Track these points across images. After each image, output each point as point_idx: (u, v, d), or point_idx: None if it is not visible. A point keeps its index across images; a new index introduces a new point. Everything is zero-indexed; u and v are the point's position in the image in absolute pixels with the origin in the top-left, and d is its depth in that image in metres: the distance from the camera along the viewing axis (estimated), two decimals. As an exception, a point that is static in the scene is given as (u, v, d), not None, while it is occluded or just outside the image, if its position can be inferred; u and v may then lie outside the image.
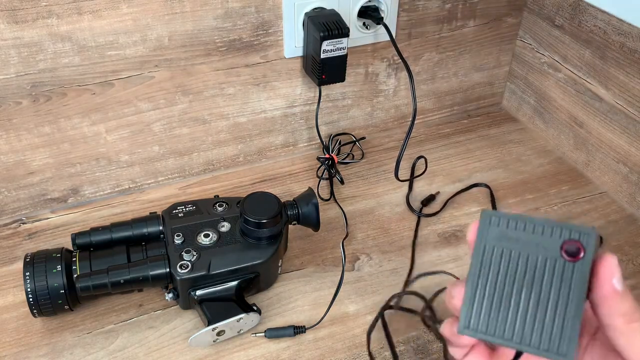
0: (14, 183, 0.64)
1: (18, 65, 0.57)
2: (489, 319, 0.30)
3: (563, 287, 0.29)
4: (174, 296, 0.54)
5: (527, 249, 0.30)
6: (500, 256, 0.31)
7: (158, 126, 0.67)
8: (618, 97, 0.68)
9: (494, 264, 0.30)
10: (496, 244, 0.31)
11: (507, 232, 0.31)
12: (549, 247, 0.30)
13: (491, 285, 0.30)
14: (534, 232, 0.30)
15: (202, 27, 0.62)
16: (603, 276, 0.29)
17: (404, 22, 0.72)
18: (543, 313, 0.29)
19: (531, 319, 0.29)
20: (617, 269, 0.29)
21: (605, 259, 0.29)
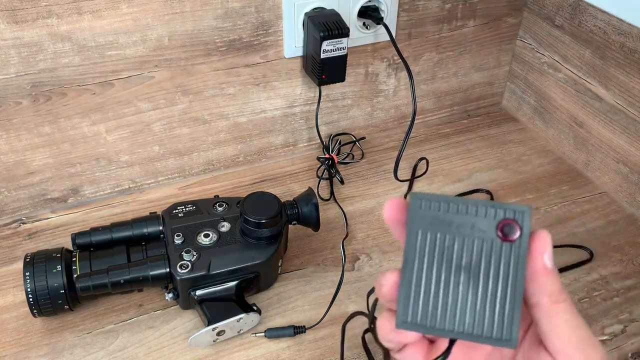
0: (14, 183, 0.64)
1: (18, 65, 0.57)
2: (427, 311, 0.28)
3: (502, 270, 0.28)
4: (174, 296, 0.54)
5: (462, 232, 0.28)
6: (434, 242, 0.28)
7: (158, 126, 0.67)
8: (618, 97, 0.68)
9: (429, 251, 0.28)
10: (429, 229, 0.29)
11: (440, 215, 0.28)
12: (484, 228, 0.28)
13: (427, 274, 0.28)
14: (468, 214, 0.28)
15: (202, 27, 0.62)
16: (535, 251, 0.28)
17: (404, 22, 0.72)
18: (483, 299, 0.28)
19: (472, 306, 0.28)
20: (549, 245, 0.28)
21: (539, 234, 0.28)
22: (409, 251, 0.29)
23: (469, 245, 0.28)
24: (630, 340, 0.55)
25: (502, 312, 0.27)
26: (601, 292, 0.60)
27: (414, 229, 0.29)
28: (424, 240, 0.29)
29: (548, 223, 0.68)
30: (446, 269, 0.28)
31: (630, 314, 0.57)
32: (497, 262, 0.28)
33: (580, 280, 0.61)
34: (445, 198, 0.29)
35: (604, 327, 0.56)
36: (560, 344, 0.27)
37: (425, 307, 0.28)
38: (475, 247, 0.28)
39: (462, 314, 0.28)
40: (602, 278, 0.61)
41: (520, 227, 0.28)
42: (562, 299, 0.28)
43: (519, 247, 0.28)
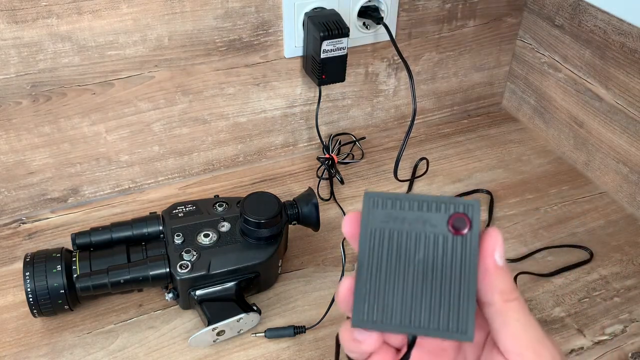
0: (14, 183, 0.64)
1: (18, 65, 0.57)
2: (383, 308, 0.28)
3: (454, 263, 0.28)
4: (174, 296, 0.54)
5: (414, 227, 0.28)
6: (388, 239, 0.29)
7: (158, 126, 0.67)
8: (618, 97, 0.68)
9: (382, 248, 0.29)
10: (382, 227, 0.29)
11: (393, 212, 0.29)
12: (436, 223, 0.28)
13: (381, 271, 0.28)
14: (420, 210, 0.29)
15: (202, 27, 0.62)
16: (486, 249, 0.28)
17: (404, 22, 0.72)
18: (437, 293, 0.28)
19: (426, 301, 0.28)
20: (500, 243, 0.28)
21: (489, 232, 0.28)
22: (362, 250, 0.29)
23: (421, 240, 0.28)
24: (630, 340, 0.55)
25: (456, 305, 0.27)
26: (601, 292, 0.60)
27: (367, 227, 0.29)
28: (377, 238, 0.29)
29: (548, 223, 0.68)
30: (400, 266, 0.28)
31: (630, 314, 0.57)
32: (449, 255, 0.28)
33: (580, 280, 0.61)
34: (398, 196, 0.29)
35: (604, 327, 0.56)
36: (511, 343, 0.27)
37: (381, 304, 0.28)
38: (428, 242, 0.28)
39: (418, 309, 0.28)
40: (602, 278, 0.61)
41: (469, 220, 0.28)
42: (513, 297, 0.28)
43: (470, 240, 0.28)
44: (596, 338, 0.55)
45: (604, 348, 0.54)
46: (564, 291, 0.60)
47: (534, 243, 0.65)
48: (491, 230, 0.28)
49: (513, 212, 0.69)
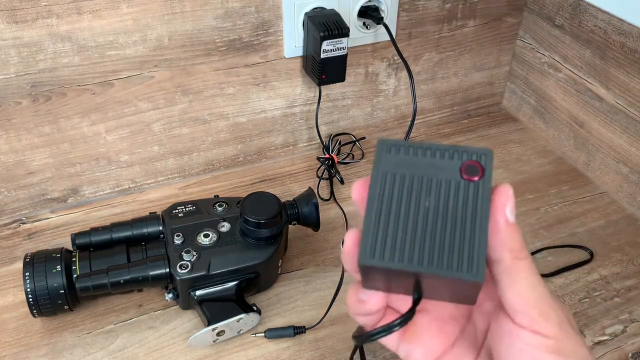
0: (14, 183, 0.64)
1: (18, 65, 0.57)
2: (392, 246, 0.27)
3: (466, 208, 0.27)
4: (173, 296, 0.54)
5: (427, 173, 0.28)
6: (400, 182, 0.28)
7: (158, 126, 0.67)
8: (618, 97, 0.68)
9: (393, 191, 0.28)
10: (395, 171, 0.28)
11: (406, 158, 0.29)
12: (449, 169, 0.28)
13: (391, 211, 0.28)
14: (433, 157, 0.28)
15: (202, 27, 0.62)
16: (497, 204, 0.27)
17: (404, 22, 0.72)
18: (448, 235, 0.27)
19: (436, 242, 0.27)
20: (511, 198, 0.27)
21: (501, 187, 0.28)
22: (372, 192, 0.28)
23: (433, 185, 0.28)
24: (630, 340, 0.55)
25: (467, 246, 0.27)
26: (601, 292, 0.59)
27: (379, 171, 0.29)
28: (388, 181, 0.28)
29: (548, 223, 0.68)
30: (410, 208, 0.28)
31: (631, 314, 0.57)
32: (461, 200, 0.28)
33: (581, 281, 0.61)
34: (412, 143, 0.29)
35: (605, 328, 0.56)
36: (518, 301, 0.27)
37: (389, 243, 0.27)
38: (439, 186, 0.28)
39: (427, 249, 0.27)
40: (602, 278, 0.61)
41: (482, 168, 0.28)
42: (523, 255, 0.27)
43: (482, 187, 0.28)
44: (596, 338, 0.55)
45: (605, 348, 0.54)
46: (564, 291, 0.59)
47: (534, 243, 0.65)
48: (502, 186, 0.28)
49: (513, 212, 0.69)
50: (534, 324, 0.26)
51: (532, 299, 0.27)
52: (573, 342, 0.27)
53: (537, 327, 0.26)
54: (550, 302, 0.27)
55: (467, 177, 0.28)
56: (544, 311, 0.26)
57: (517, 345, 0.26)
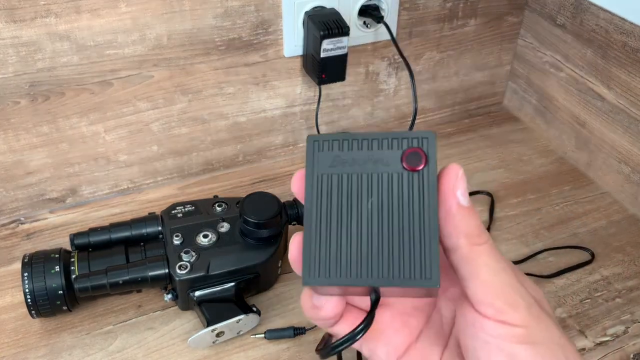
0: (12, 183, 0.64)
1: (16, 64, 0.57)
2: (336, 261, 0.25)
3: (411, 204, 0.25)
4: (173, 297, 0.54)
5: (365, 169, 0.25)
6: (337, 184, 0.25)
7: (157, 126, 0.67)
8: (620, 97, 0.68)
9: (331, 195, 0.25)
10: (330, 172, 0.26)
11: (340, 155, 0.26)
12: (388, 161, 0.25)
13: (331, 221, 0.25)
14: (370, 149, 0.25)
15: (202, 26, 0.62)
16: (445, 187, 0.25)
17: (405, 21, 0.72)
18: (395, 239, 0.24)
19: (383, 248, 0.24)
20: (461, 180, 0.25)
21: (448, 168, 0.25)
22: (309, 201, 0.26)
23: (374, 182, 0.25)
24: (632, 341, 0.55)
25: (417, 249, 0.24)
26: (603, 292, 0.59)
27: (313, 174, 0.26)
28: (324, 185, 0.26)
29: (550, 223, 0.67)
30: (352, 213, 0.25)
31: (632, 314, 0.57)
32: (405, 196, 0.25)
33: (582, 281, 0.60)
34: (345, 136, 0.26)
35: (606, 328, 0.56)
36: (481, 292, 0.24)
37: (333, 257, 0.25)
38: (381, 183, 0.25)
39: (375, 258, 0.25)
40: (603, 279, 0.61)
41: (425, 155, 0.25)
42: (482, 240, 0.25)
43: (427, 176, 0.25)
44: (598, 339, 0.55)
45: (606, 349, 0.54)
46: (566, 292, 0.59)
47: (536, 244, 0.65)
48: (450, 166, 0.25)
49: (514, 213, 0.69)
50: (500, 314, 0.24)
51: (496, 286, 0.24)
52: (544, 327, 0.25)
53: (504, 317, 0.24)
54: (516, 287, 0.25)
55: (409, 167, 0.25)
56: (510, 299, 0.24)
57: (481, 336, 0.24)
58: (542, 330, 0.24)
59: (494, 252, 0.25)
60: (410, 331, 0.29)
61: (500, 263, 0.25)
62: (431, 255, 0.24)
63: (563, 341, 0.25)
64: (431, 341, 0.29)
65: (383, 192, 0.25)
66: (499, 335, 0.24)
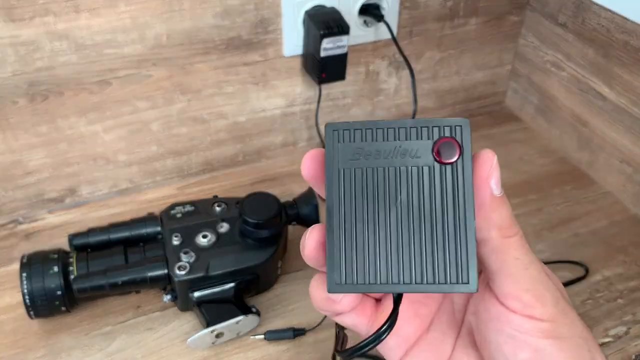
0: (11, 183, 0.64)
1: (15, 63, 0.56)
2: (363, 265, 0.23)
3: (445, 200, 0.23)
4: (172, 298, 0.54)
5: (392, 162, 0.23)
6: (361, 180, 0.23)
7: (156, 125, 0.66)
8: (622, 96, 0.67)
9: (355, 192, 0.23)
10: (352, 165, 0.23)
11: (364, 145, 0.23)
12: (418, 153, 0.23)
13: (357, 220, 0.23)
14: (397, 139, 0.23)
15: (201, 25, 0.61)
16: (479, 176, 0.23)
17: (406, 19, 0.71)
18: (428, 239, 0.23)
19: (415, 250, 0.23)
20: (495, 168, 0.23)
21: (482, 155, 0.23)
22: (331, 199, 0.23)
23: (403, 176, 0.23)
24: (633, 342, 0.54)
25: (453, 250, 0.23)
26: (604, 293, 0.59)
27: (334, 168, 0.23)
28: (347, 180, 0.23)
29: (551, 224, 0.67)
30: (380, 211, 0.23)
31: (634, 315, 0.57)
32: (439, 191, 0.23)
33: (583, 282, 0.60)
34: (367, 123, 0.23)
35: (607, 329, 0.55)
36: (509, 285, 0.23)
37: (360, 261, 0.23)
38: (411, 177, 0.23)
39: (406, 261, 0.23)
40: (605, 279, 0.60)
41: (459, 145, 0.23)
42: (513, 232, 0.24)
43: (462, 169, 0.23)
44: (599, 340, 0.54)
45: (607, 350, 0.54)
46: (568, 293, 0.59)
47: (537, 244, 0.64)
48: (484, 153, 0.24)
49: (515, 213, 0.67)
50: (528, 309, 0.23)
51: (525, 280, 0.24)
52: (569, 321, 0.24)
53: (532, 312, 0.23)
54: (544, 281, 0.24)
55: (441, 160, 0.23)
56: (538, 293, 0.24)
57: (507, 330, 0.24)
58: (567, 324, 0.24)
59: (524, 244, 0.24)
60: (422, 320, 0.28)
61: (529, 256, 0.24)
62: (468, 257, 0.23)
63: (586, 334, 0.25)
64: (443, 330, 0.28)
65: (413, 188, 0.23)
66: (526, 329, 0.23)
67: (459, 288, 0.23)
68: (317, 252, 0.24)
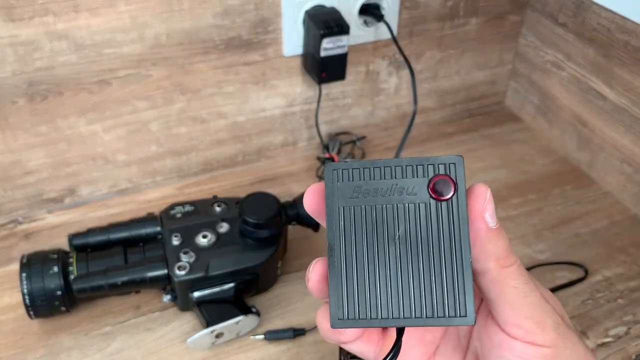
0: (10, 183, 0.64)
1: (14, 63, 0.56)
2: (365, 300, 0.24)
3: (442, 235, 0.24)
4: (172, 298, 0.54)
5: (389, 199, 0.24)
6: (360, 217, 0.24)
7: (156, 125, 0.66)
8: (622, 96, 0.67)
9: (356, 229, 0.24)
10: (352, 204, 0.25)
11: (362, 184, 0.25)
12: (415, 190, 0.24)
13: (357, 256, 0.24)
14: (393, 177, 0.24)
15: (201, 24, 0.61)
16: (473, 210, 0.24)
17: (406, 19, 0.71)
18: (427, 274, 0.24)
19: (414, 285, 0.24)
20: (489, 202, 0.24)
21: (475, 189, 0.24)
22: (332, 234, 0.25)
23: (400, 213, 0.24)
24: (634, 342, 0.54)
25: (451, 284, 0.24)
26: (604, 293, 0.59)
27: (334, 206, 0.25)
28: (347, 217, 0.25)
29: (552, 224, 0.67)
30: (379, 247, 0.24)
31: (634, 315, 0.57)
32: (435, 227, 0.24)
33: (584, 282, 0.60)
34: (366, 163, 0.25)
35: (608, 329, 0.55)
36: (509, 313, 0.24)
37: (362, 297, 0.24)
38: (408, 214, 0.24)
39: (406, 296, 0.24)
40: (605, 279, 0.60)
41: (454, 182, 0.24)
42: (510, 262, 0.25)
43: (457, 205, 0.24)
44: (599, 340, 0.54)
45: (608, 350, 0.54)
46: (567, 293, 0.59)
47: (537, 244, 0.64)
48: (476, 187, 0.24)
49: (516, 213, 0.68)
50: (529, 335, 0.24)
51: (525, 308, 0.24)
52: (570, 345, 0.25)
53: (533, 338, 0.24)
54: (544, 307, 0.25)
55: (437, 197, 0.24)
56: (538, 320, 0.24)
57: (509, 357, 0.25)
58: (568, 348, 0.25)
59: (522, 272, 0.25)
60: (427, 347, 0.29)
61: (529, 284, 0.25)
62: (465, 290, 0.24)
63: (589, 357, 0.26)
64: (449, 355, 0.29)
65: (410, 224, 0.24)
66: (527, 356, 0.24)
67: (457, 321, 0.24)
68: (320, 285, 0.26)
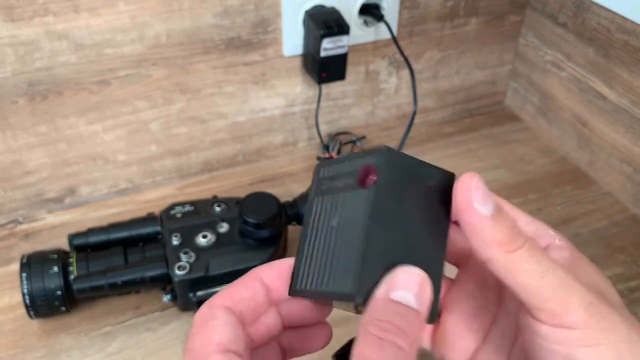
0: (10, 183, 0.64)
1: (14, 63, 0.56)
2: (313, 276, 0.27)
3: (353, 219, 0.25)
4: (172, 298, 0.54)
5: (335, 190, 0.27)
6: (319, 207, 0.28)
7: (155, 125, 0.66)
8: (622, 96, 0.67)
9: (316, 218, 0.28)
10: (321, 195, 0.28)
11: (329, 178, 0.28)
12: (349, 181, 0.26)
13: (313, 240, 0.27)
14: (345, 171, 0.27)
15: (201, 24, 0.61)
16: (461, 204, 0.23)
17: (406, 19, 0.71)
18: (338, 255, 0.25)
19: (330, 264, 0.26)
20: (476, 190, 0.23)
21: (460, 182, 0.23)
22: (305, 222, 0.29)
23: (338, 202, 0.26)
24: (634, 342, 0.54)
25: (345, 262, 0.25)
26: (605, 293, 0.59)
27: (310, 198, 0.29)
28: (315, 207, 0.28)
29: (552, 224, 0.66)
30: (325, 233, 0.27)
31: (634, 315, 0.56)
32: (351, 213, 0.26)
33: (584, 282, 0.60)
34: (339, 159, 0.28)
35: (608, 330, 0.55)
36: (528, 297, 0.23)
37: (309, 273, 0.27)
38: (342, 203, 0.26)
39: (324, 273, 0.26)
40: (606, 279, 0.60)
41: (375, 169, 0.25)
42: (517, 245, 0.23)
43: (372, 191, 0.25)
44: (600, 341, 0.54)
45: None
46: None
47: (537, 244, 0.64)
48: (462, 178, 0.24)
49: (515, 213, 0.68)
50: (554, 318, 0.22)
51: (544, 289, 0.22)
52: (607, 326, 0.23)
53: (559, 320, 0.22)
54: (569, 286, 0.23)
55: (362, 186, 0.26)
56: (562, 300, 0.22)
57: (538, 342, 0.23)
58: (604, 330, 0.23)
59: (534, 253, 0.23)
60: (475, 336, 0.28)
61: (543, 264, 0.23)
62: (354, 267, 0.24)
63: (633, 337, 0.23)
64: (497, 345, 0.28)
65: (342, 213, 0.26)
66: (556, 339, 0.23)
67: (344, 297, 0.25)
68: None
